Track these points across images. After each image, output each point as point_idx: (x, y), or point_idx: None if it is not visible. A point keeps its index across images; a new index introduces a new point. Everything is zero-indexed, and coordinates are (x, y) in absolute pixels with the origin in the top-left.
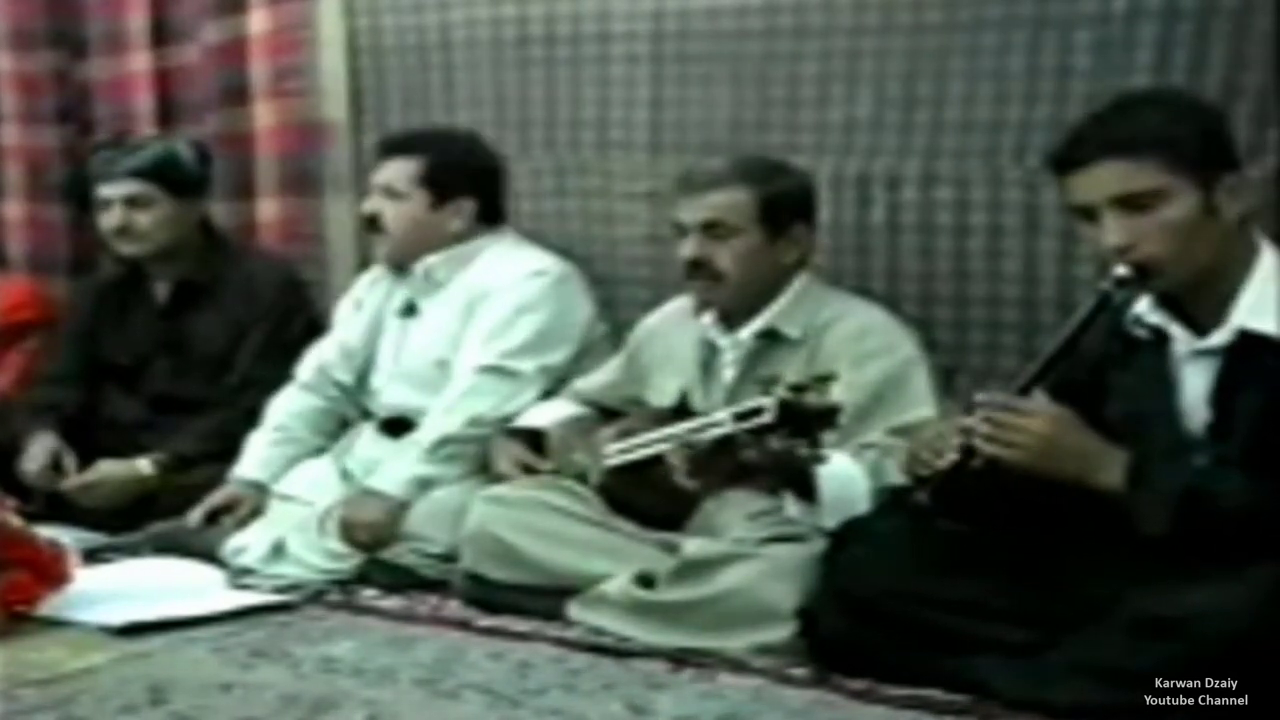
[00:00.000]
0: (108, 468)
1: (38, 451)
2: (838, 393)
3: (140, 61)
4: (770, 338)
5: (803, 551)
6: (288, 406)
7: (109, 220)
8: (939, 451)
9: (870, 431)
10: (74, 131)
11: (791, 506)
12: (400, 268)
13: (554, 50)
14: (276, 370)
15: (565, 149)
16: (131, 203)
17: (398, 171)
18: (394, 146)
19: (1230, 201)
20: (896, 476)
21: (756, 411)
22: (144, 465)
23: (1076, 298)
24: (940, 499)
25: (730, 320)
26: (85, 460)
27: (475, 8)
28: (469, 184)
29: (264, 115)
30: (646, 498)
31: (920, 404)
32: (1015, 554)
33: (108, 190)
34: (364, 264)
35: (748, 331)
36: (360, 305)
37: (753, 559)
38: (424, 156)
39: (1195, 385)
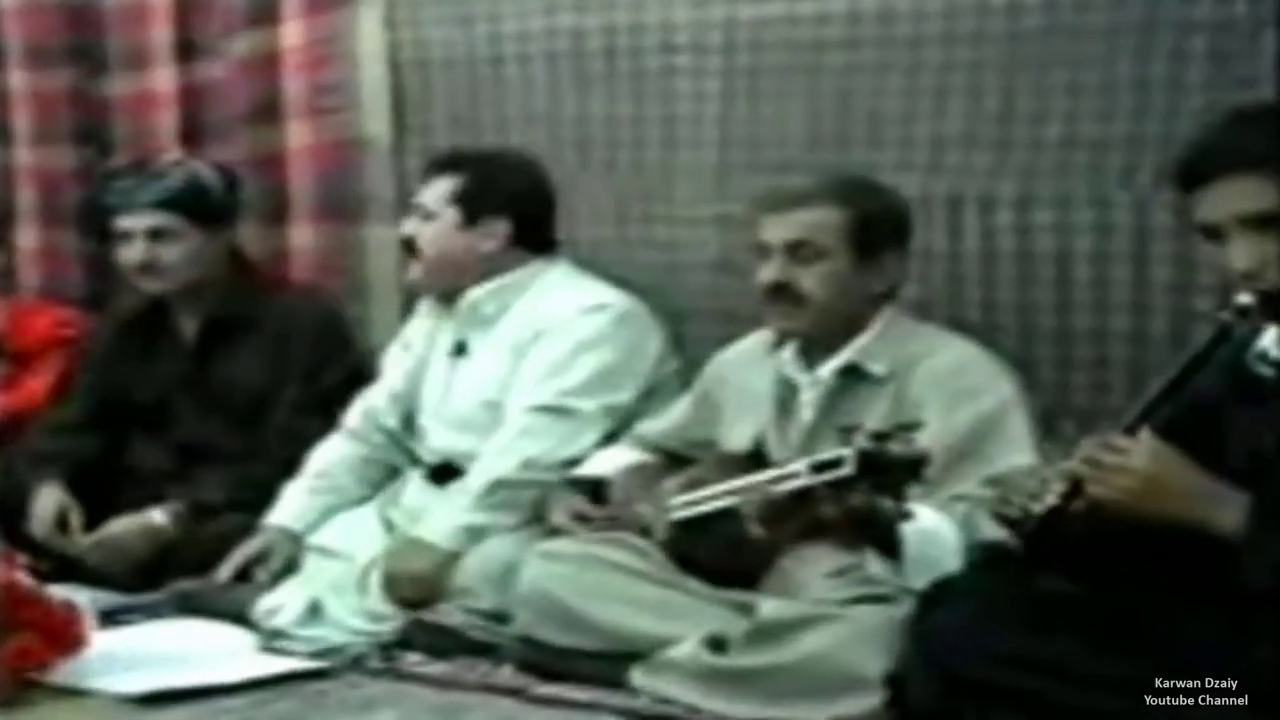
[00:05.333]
0: (119, 524)
1: (43, 508)
2: (925, 441)
3: (164, 78)
4: (853, 375)
5: (888, 613)
6: (330, 454)
7: (130, 255)
8: (1034, 495)
9: (962, 481)
10: (92, 153)
11: (875, 564)
12: (446, 300)
13: (614, 64)
14: (316, 420)
15: (627, 171)
16: (155, 235)
17: (435, 190)
18: (437, 165)
19: None
20: (991, 531)
21: (835, 463)
22: (158, 516)
23: (1192, 332)
24: (1034, 547)
25: (810, 355)
26: (103, 514)
27: (528, 19)
28: (504, 204)
29: (298, 135)
30: (717, 554)
31: (1018, 450)
32: (1121, 615)
33: (128, 222)
34: (409, 300)
35: (829, 368)
36: (409, 346)
37: (834, 621)
38: (462, 174)
39: None
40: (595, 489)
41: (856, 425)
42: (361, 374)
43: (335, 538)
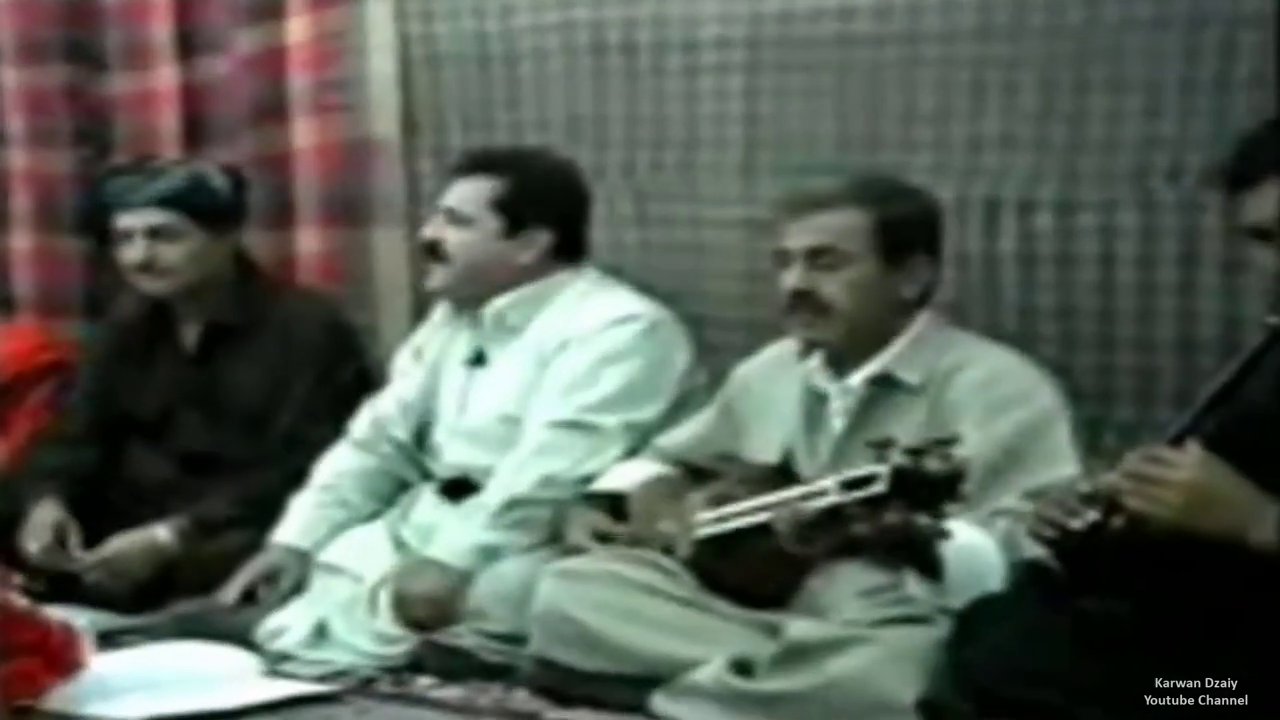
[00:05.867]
0: (119, 542)
1: (39, 526)
2: (962, 456)
3: (165, 75)
4: (885, 385)
5: (925, 635)
6: (337, 465)
7: (130, 254)
8: (1073, 510)
9: (1002, 496)
10: (90, 155)
11: (911, 583)
12: (463, 307)
13: (634, 60)
14: (322, 428)
15: (647, 172)
16: (155, 234)
17: (469, 193)
18: (469, 165)
19: None
20: (1033, 548)
21: (868, 480)
22: (161, 533)
23: (1242, 338)
24: (1075, 566)
25: (839, 364)
26: (102, 529)
27: (544, 11)
28: (549, 214)
29: (304, 134)
30: (743, 573)
31: (1060, 463)
32: (1166, 637)
33: (128, 220)
34: (420, 307)
35: (859, 377)
36: (420, 353)
37: (867, 643)
38: (501, 178)
39: None
40: (614, 504)
41: (890, 440)
42: (370, 379)
43: (343, 555)
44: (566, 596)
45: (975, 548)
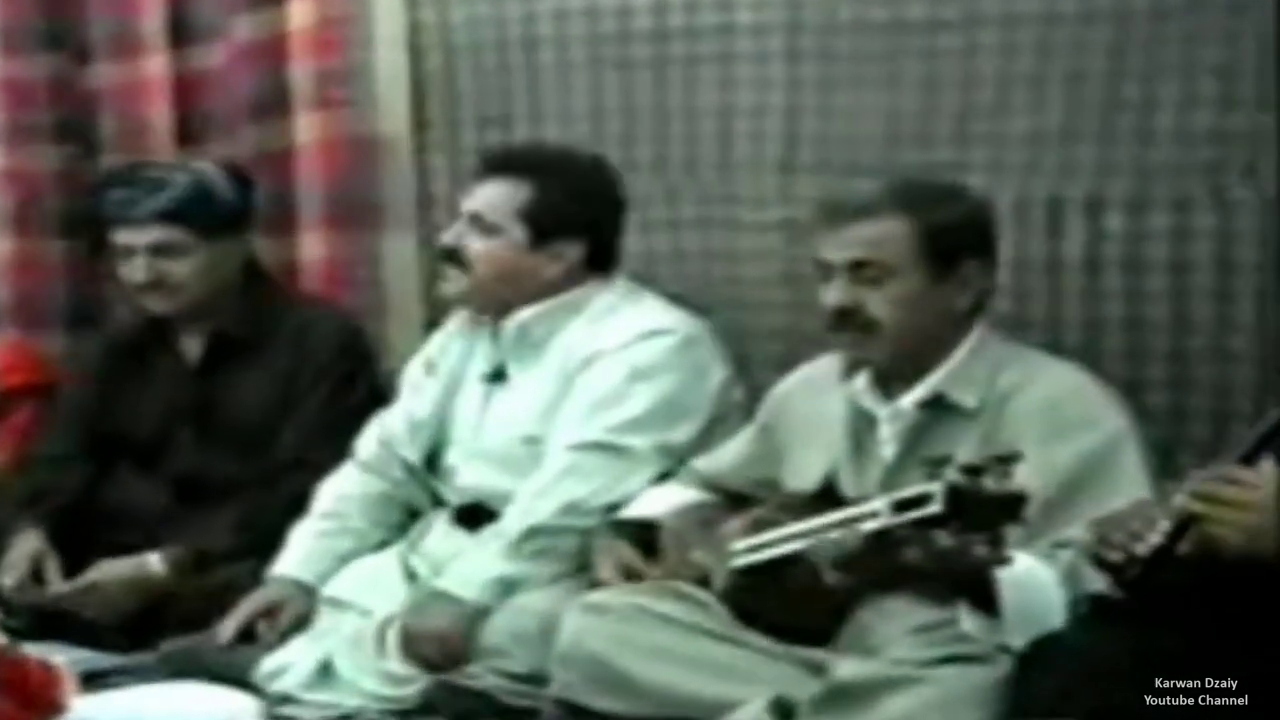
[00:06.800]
0: (109, 568)
1: (15, 558)
2: (1023, 477)
3: (156, 66)
4: (938, 406)
5: (982, 676)
6: (341, 490)
7: (133, 274)
8: (1138, 534)
9: (1066, 525)
10: (75, 152)
11: (967, 619)
12: (482, 316)
13: (665, 47)
14: (331, 447)
15: (679, 170)
16: (159, 251)
17: (496, 198)
18: (495, 167)
19: None
20: (1098, 582)
21: (921, 500)
22: (154, 563)
23: None
24: (1138, 594)
25: (888, 383)
26: (88, 560)
27: None
28: (580, 225)
29: (306, 130)
30: (784, 606)
31: (1129, 490)
32: (1243, 675)
33: (128, 237)
34: (432, 317)
35: (910, 399)
36: (433, 367)
37: (919, 684)
38: (531, 184)
39: None
40: (644, 532)
41: (946, 457)
42: (380, 396)
43: (349, 588)
44: (592, 633)
45: (1036, 581)
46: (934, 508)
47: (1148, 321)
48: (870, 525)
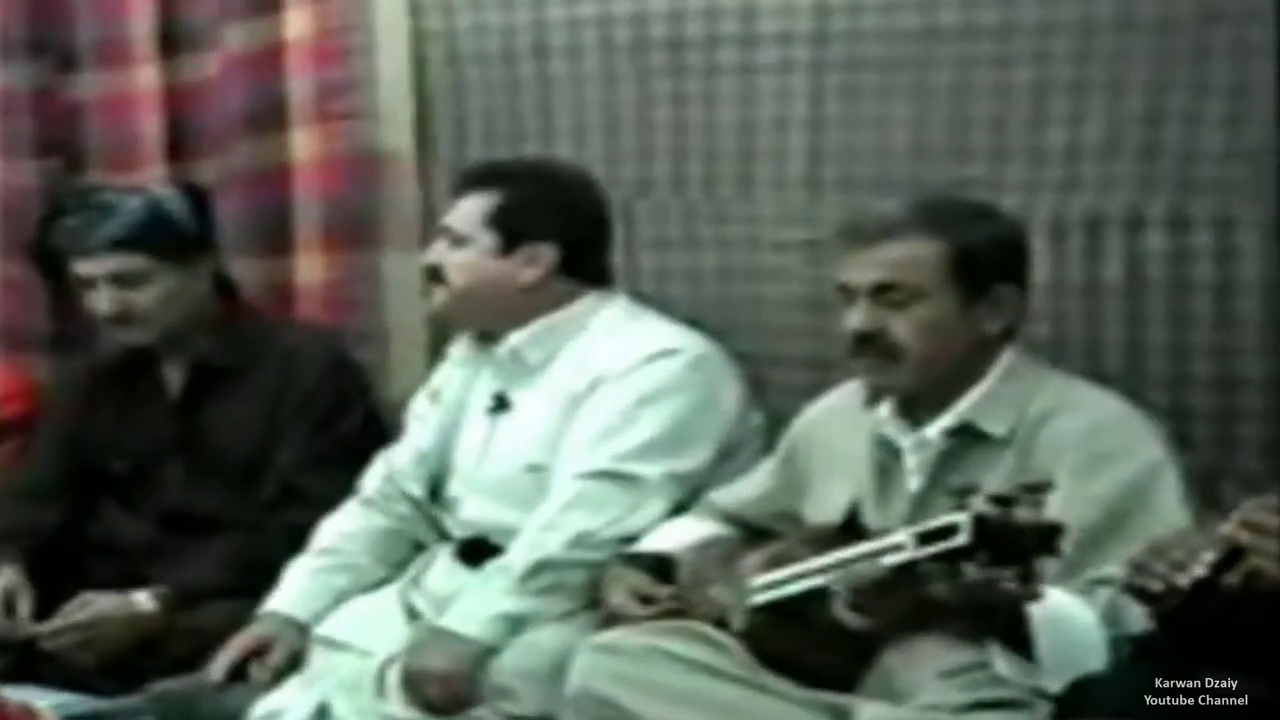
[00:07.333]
0: (95, 605)
1: None
2: (1057, 509)
3: (145, 76)
4: (967, 435)
5: None
6: (342, 526)
7: (98, 305)
8: (1180, 564)
9: (1103, 561)
10: (57, 166)
11: (1000, 661)
12: (482, 341)
13: (682, 57)
14: (322, 481)
15: (697, 186)
16: (119, 281)
17: (465, 211)
18: (468, 181)
19: None
20: (1141, 622)
21: (948, 531)
22: (142, 600)
23: None
24: (1174, 628)
25: (913, 412)
26: (66, 600)
27: (579, 3)
28: (549, 226)
29: (304, 145)
30: (806, 646)
31: (1169, 523)
32: None
33: (86, 268)
34: (437, 342)
35: (937, 427)
36: (438, 395)
37: None
38: (499, 191)
39: None
40: (659, 568)
41: (973, 486)
42: (378, 426)
43: (347, 627)
44: (604, 674)
45: (1073, 620)
46: (960, 539)
47: (1192, 348)
48: (894, 559)
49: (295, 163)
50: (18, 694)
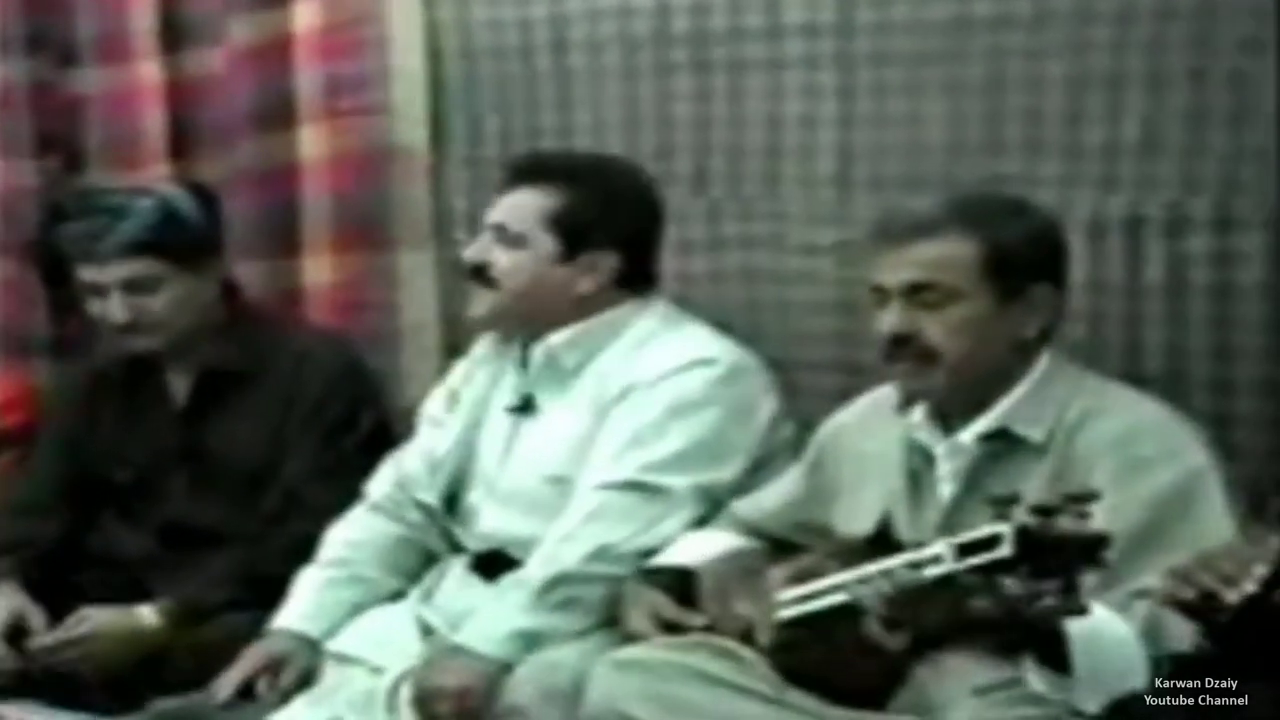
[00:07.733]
0: (98, 618)
1: None
2: (1101, 518)
3: (148, 71)
4: (1002, 441)
5: None
6: (351, 535)
7: (108, 313)
8: (1230, 579)
9: (1141, 573)
10: (57, 165)
11: (1035, 678)
12: (510, 340)
13: (706, 51)
14: (333, 488)
15: (722, 185)
16: (132, 287)
17: (521, 207)
18: (520, 175)
19: None
20: (1184, 637)
21: (989, 543)
22: (147, 615)
23: None
24: (1224, 645)
25: (948, 417)
26: (66, 615)
27: None
28: (615, 234)
29: (314, 141)
30: (834, 664)
31: (1212, 533)
32: None
33: (94, 275)
34: (452, 345)
35: (971, 433)
36: (456, 398)
37: None
38: (558, 190)
39: None
40: (680, 584)
41: (1014, 496)
42: (390, 433)
43: (357, 643)
44: (624, 692)
45: (1111, 635)
46: (1003, 551)
47: (1235, 351)
48: (932, 571)
49: (304, 160)
50: (16, 711)
